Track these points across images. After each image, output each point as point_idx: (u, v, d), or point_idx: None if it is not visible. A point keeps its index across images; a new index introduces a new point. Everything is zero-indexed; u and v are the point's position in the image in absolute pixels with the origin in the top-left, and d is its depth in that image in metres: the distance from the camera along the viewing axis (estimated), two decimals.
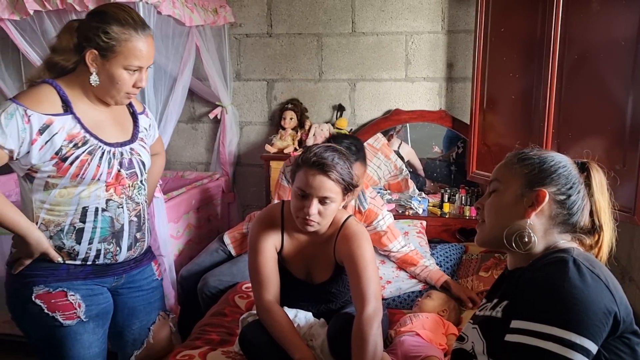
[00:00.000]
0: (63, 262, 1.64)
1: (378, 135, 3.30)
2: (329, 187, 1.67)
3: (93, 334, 1.69)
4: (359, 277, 1.71)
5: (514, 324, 1.09)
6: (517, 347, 1.06)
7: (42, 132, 1.52)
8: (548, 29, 2.21)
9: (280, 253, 1.87)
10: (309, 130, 3.27)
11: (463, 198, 3.07)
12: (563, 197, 1.20)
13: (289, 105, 3.32)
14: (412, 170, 3.37)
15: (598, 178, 1.25)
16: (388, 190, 3.29)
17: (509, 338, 1.08)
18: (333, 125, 3.28)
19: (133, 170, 1.70)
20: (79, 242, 1.63)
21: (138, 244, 1.75)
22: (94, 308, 1.69)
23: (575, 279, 1.05)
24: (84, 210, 1.62)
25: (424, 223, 2.94)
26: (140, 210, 1.74)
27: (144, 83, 1.64)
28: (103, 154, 1.61)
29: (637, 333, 1.11)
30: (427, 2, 3.14)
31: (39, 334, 1.67)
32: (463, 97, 3.20)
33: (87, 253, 1.64)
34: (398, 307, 2.47)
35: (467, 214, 3.04)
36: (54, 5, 2.28)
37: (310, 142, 3.21)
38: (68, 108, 1.58)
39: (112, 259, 1.69)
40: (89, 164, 1.57)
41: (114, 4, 1.73)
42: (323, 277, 1.87)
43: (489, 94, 2.74)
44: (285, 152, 3.19)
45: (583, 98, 2.10)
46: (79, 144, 1.57)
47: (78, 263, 1.65)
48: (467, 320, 1.38)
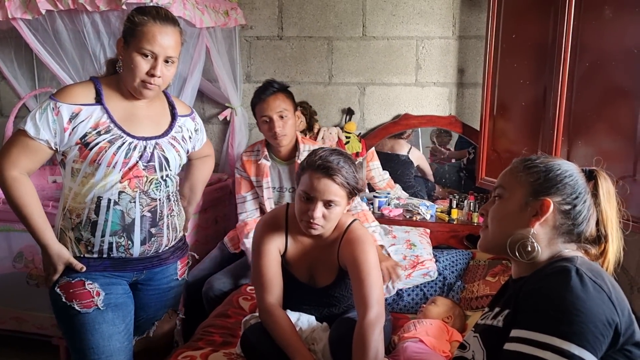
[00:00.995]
0: (83, 256, 1.72)
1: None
2: (334, 190, 1.67)
3: (112, 326, 1.72)
4: (362, 281, 1.70)
5: (514, 333, 1.08)
6: (515, 355, 1.04)
7: (72, 120, 1.63)
8: (559, 36, 2.20)
9: (284, 256, 1.86)
10: (318, 134, 3.27)
11: (471, 204, 3.05)
12: (568, 207, 1.18)
13: (298, 108, 3.31)
14: (421, 175, 3.35)
15: (605, 187, 1.23)
16: (396, 196, 3.27)
17: (508, 347, 1.07)
18: (342, 129, 3.28)
19: (152, 164, 1.74)
20: (94, 234, 1.70)
21: (154, 239, 1.78)
22: (112, 297, 1.74)
23: (577, 289, 1.04)
24: (98, 201, 1.68)
25: (428, 230, 2.92)
26: (157, 206, 1.77)
27: (158, 72, 1.66)
28: (122, 145, 1.68)
29: (639, 345, 1.09)
30: (438, 7, 3.13)
31: (63, 324, 1.76)
32: (473, 102, 3.18)
33: (101, 245, 1.71)
34: (402, 311, 2.46)
35: (475, 221, 3.02)
36: (66, 5, 2.31)
37: (319, 145, 3.21)
38: (99, 99, 1.69)
39: (125, 253, 1.74)
40: (106, 151, 1.65)
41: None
42: (326, 281, 1.87)
43: (500, 100, 2.73)
44: None
45: (594, 106, 2.08)
46: (102, 132, 1.66)
47: (96, 256, 1.73)
48: (471, 328, 1.36)
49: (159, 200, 1.78)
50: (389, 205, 3.16)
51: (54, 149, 1.67)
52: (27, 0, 2.36)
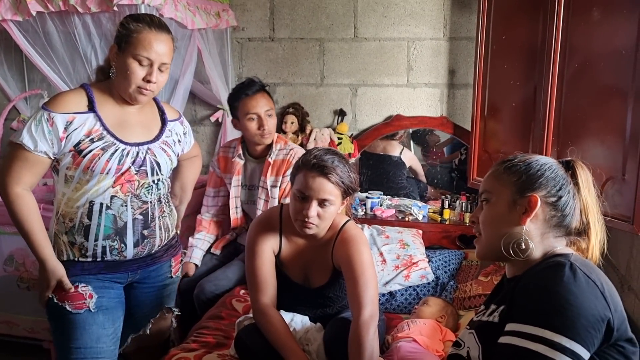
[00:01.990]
0: (77, 259, 1.73)
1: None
2: (329, 189, 1.68)
3: (102, 328, 1.75)
4: (356, 281, 1.70)
5: (508, 327, 1.09)
6: (507, 348, 1.06)
7: (66, 128, 1.64)
8: (549, 38, 2.21)
9: (278, 256, 1.87)
10: (310, 135, 3.28)
11: (463, 205, 3.06)
12: (554, 199, 1.20)
13: (290, 110, 3.32)
14: (413, 177, 3.37)
15: (584, 175, 1.25)
16: (388, 196, 3.28)
17: (502, 340, 1.09)
18: (334, 130, 3.28)
19: (144, 169, 1.76)
20: (87, 238, 1.71)
21: (147, 241, 1.80)
22: (104, 300, 1.76)
23: (570, 283, 1.05)
24: (90, 205, 1.69)
25: (420, 231, 2.94)
26: (148, 209, 1.78)
27: (154, 78, 1.69)
28: (116, 151, 1.69)
29: (632, 341, 1.10)
30: (429, 8, 3.15)
31: (53, 322, 1.77)
32: (464, 103, 3.20)
33: (94, 249, 1.73)
34: (395, 311, 2.47)
35: (467, 221, 3.03)
36: (56, 7, 2.30)
37: (311, 146, 3.22)
38: (92, 107, 1.69)
39: (119, 256, 1.76)
40: (99, 158, 1.66)
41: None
42: (320, 281, 1.87)
43: (490, 101, 2.74)
44: None
45: (583, 106, 2.10)
46: (95, 139, 1.67)
47: (90, 260, 1.74)
48: (464, 327, 1.37)
49: (150, 203, 1.79)
50: (381, 206, 3.17)
51: (52, 159, 1.68)
52: (17, 2, 2.35)
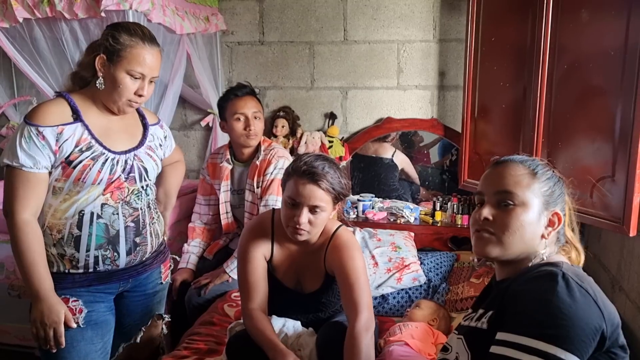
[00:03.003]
0: (68, 271, 1.69)
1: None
2: (319, 196, 1.67)
3: (90, 344, 1.72)
4: (352, 287, 1.70)
5: (500, 336, 1.08)
6: (501, 359, 1.05)
7: (58, 141, 1.61)
8: (538, 39, 2.22)
9: (270, 262, 1.86)
10: (301, 138, 3.27)
11: (455, 206, 3.07)
12: (563, 213, 1.21)
13: (281, 113, 3.31)
14: (405, 178, 3.37)
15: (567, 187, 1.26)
16: (380, 199, 3.28)
17: (494, 350, 1.07)
18: (325, 133, 3.28)
19: (132, 175, 1.74)
20: (78, 249, 1.67)
21: (139, 249, 1.78)
22: (94, 315, 1.73)
23: (564, 294, 1.04)
24: (80, 215, 1.66)
25: (412, 234, 2.94)
26: (139, 216, 1.77)
27: (145, 92, 1.69)
28: (106, 161, 1.67)
29: (624, 347, 1.10)
30: (418, 10, 3.15)
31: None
32: (455, 105, 3.21)
33: (86, 260, 1.69)
34: (387, 314, 2.46)
35: (459, 223, 3.04)
36: (43, 13, 2.28)
37: (302, 150, 3.21)
38: (77, 117, 1.66)
39: (112, 265, 1.73)
40: (91, 169, 1.64)
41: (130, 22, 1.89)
42: (313, 286, 1.86)
43: (480, 103, 2.75)
44: None
45: (573, 107, 2.10)
46: (84, 149, 1.64)
47: (81, 271, 1.70)
48: (454, 329, 1.37)
49: (141, 210, 1.78)
50: (373, 209, 3.17)
51: (50, 172, 1.64)
52: (3, 8, 2.33)
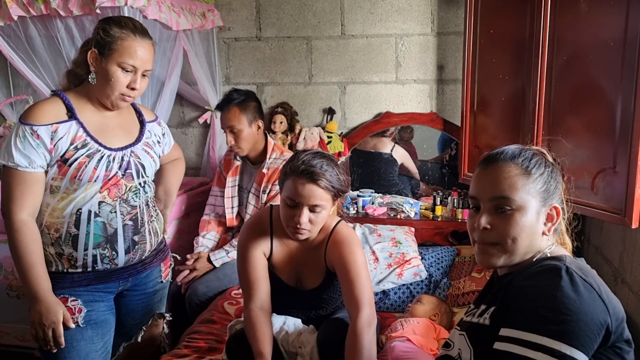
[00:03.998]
0: (66, 270, 1.68)
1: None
2: (319, 195, 1.65)
3: (91, 344, 1.71)
4: (353, 283, 1.68)
5: (504, 332, 1.06)
6: (506, 355, 1.03)
7: (52, 139, 1.60)
8: (537, 31, 2.20)
9: (270, 259, 1.84)
10: (299, 134, 3.25)
11: (455, 201, 3.05)
12: (561, 204, 1.20)
13: (279, 109, 3.30)
14: (404, 173, 3.35)
15: (552, 161, 1.24)
16: (379, 194, 3.27)
17: (498, 346, 1.06)
18: (323, 129, 3.26)
19: (129, 172, 1.73)
20: (76, 248, 1.66)
21: (138, 247, 1.77)
22: (94, 314, 1.72)
23: (568, 289, 1.03)
24: (78, 214, 1.65)
25: (412, 229, 2.93)
26: (137, 214, 1.76)
27: (138, 85, 1.67)
28: (102, 158, 1.65)
29: (629, 342, 1.09)
30: (416, 4, 3.13)
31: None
32: (454, 99, 3.19)
33: (84, 259, 1.68)
34: (389, 310, 2.46)
35: (459, 217, 3.02)
36: (38, 11, 2.27)
37: (301, 146, 3.20)
38: (72, 114, 1.65)
39: (110, 264, 1.72)
40: (86, 166, 1.63)
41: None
42: (314, 283, 1.85)
43: (480, 96, 2.73)
44: None
45: (572, 99, 2.09)
46: (79, 147, 1.63)
47: (80, 271, 1.69)
48: (456, 325, 1.35)
49: (139, 208, 1.76)
50: (373, 204, 3.16)
51: (47, 171, 1.64)
52: None
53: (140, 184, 1.77)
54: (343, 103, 3.33)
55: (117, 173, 1.69)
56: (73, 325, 1.65)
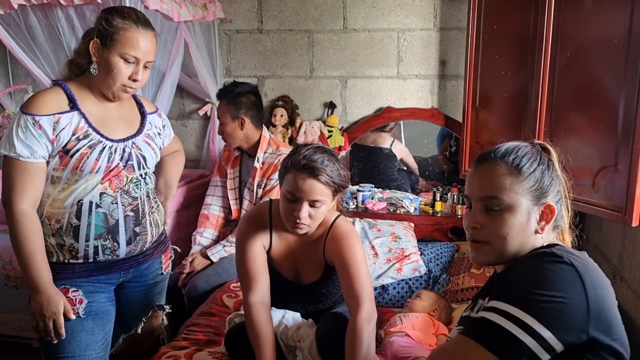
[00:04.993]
0: (67, 261, 1.68)
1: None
2: (319, 190, 1.64)
3: (91, 335, 1.71)
4: (353, 278, 1.68)
5: (483, 303, 1.10)
6: (475, 320, 1.07)
7: (55, 129, 1.59)
8: (540, 27, 2.19)
9: (269, 253, 1.84)
10: (300, 128, 3.25)
11: (455, 197, 3.05)
12: (557, 198, 1.18)
13: (280, 102, 3.29)
14: (405, 169, 3.35)
15: (555, 155, 1.22)
16: (379, 189, 3.27)
17: (476, 315, 1.09)
18: (324, 123, 3.25)
19: (130, 163, 1.73)
20: (77, 239, 1.66)
21: (139, 238, 1.76)
22: (94, 305, 1.72)
23: (550, 269, 1.04)
24: (79, 204, 1.65)
25: (412, 224, 2.92)
26: (138, 205, 1.75)
27: (140, 77, 1.66)
28: (104, 149, 1.65)
29: (618, 354, 1.05)
30: None
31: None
32: (455, 94, 3.18)
33: (85, 250, 1.67)
34: (388, 305, 2.46)
35: (459, 213, 3.02)
36: (39, 0, 2.24)
37: (301, 139, 3.19)
38: (74, 105, 1.64)
39: (112, 255, 1.72)
40: (88, 157, 1.62)
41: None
42: (312, 277, 1.85)
43: (482, 92, 2.72)
44: None
45: (575, 96, 2.08)
46: (81, 137, 1.62)
47: (81, 262, 1.69)
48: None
49: (140, 199, 1.76)
50: (373, 199, 3.15)
51: (48, 161, 1.63)
52: None
53: (142, 175, 1.77)
54: (344, 97, 3.32)
55: (118, 164, 1.69)
56: (74, 317, 1.65)
